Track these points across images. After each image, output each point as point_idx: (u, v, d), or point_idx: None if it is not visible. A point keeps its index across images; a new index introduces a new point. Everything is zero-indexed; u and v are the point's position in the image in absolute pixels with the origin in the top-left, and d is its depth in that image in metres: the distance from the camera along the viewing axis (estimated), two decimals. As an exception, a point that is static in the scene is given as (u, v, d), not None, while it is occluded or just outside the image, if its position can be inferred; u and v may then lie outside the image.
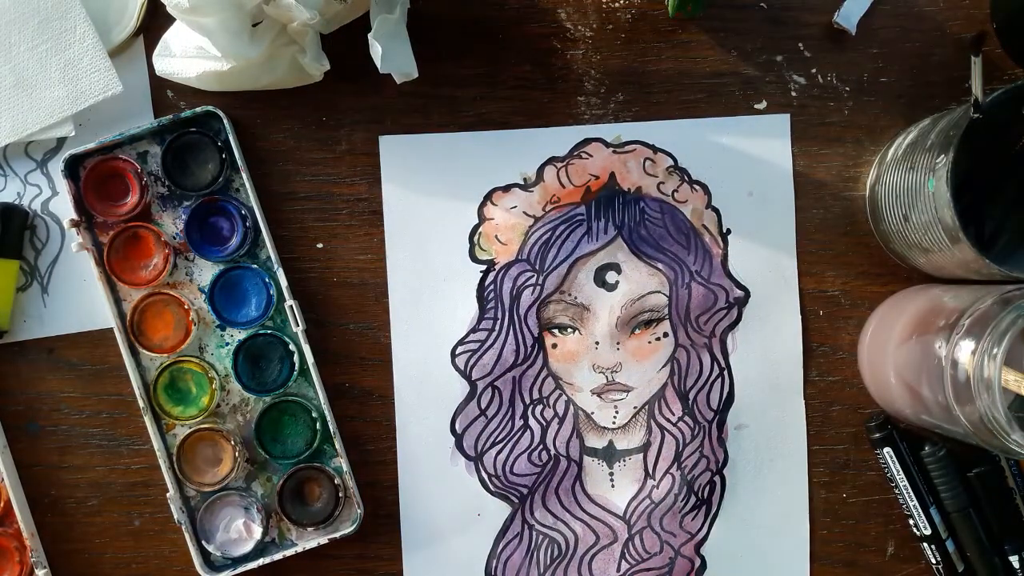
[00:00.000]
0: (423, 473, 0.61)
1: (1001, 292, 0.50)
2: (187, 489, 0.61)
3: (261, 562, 0.60)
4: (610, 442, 0.61)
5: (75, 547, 0.62)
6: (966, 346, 0.49)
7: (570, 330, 0.61)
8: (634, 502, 0.61)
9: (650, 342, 0.61)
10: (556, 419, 0.61)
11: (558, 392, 0.61)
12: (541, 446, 0.61)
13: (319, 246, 0.62)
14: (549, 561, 0.62)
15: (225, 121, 0.60)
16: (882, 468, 0.60)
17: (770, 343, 0.61)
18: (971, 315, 0.50)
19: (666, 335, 0.61)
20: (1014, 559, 0.59)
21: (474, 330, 0.61)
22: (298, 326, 0.60)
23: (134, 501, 0.62)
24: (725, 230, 0.61)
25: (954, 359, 0.50)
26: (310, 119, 0.61)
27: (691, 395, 0.61)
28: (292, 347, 0.60)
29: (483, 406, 0.61)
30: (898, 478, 0.59)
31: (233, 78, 0.58)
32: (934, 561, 0.60)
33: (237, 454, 0.60)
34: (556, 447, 0.61)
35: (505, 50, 0.61)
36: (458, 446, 0.61)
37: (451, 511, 0.61)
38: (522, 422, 0.61)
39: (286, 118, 0.62)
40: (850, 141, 0.61)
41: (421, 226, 0.62)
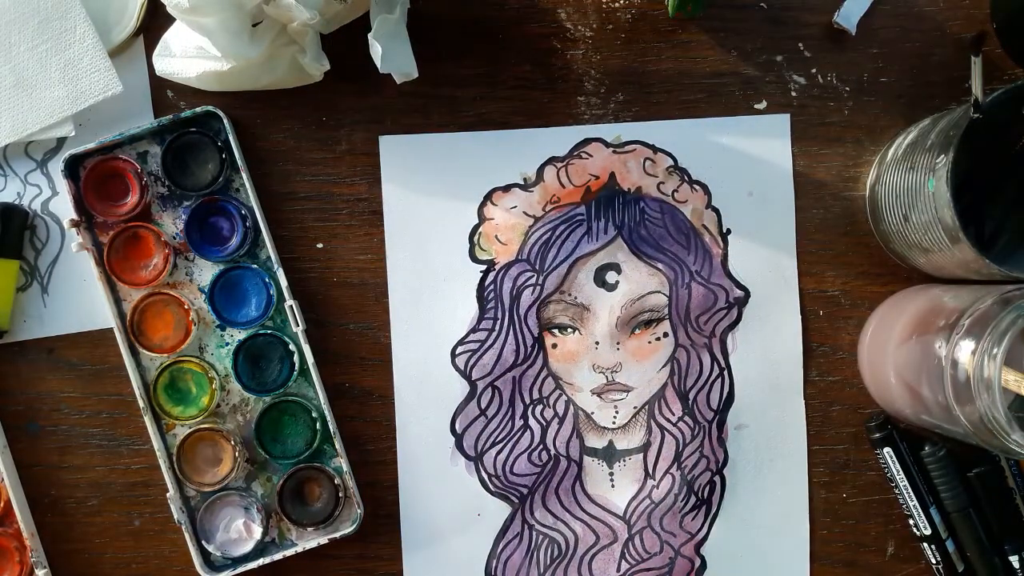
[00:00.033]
0: (423, 473, 0.61)
1: (1001, 292, 0.50)
2: (187, 489, 0.61)
3: (261, 562, 0.60)
4: (610, 442, 0.61)
5: (75, 547, 0.62)
6: (966, 346, 0.49)
7: (570, 330, 0.61)
8: (634, 502, 0.61)
9: (650, 342, 0.61)
10: (556, 419, 0.61)
11: (558, 392, 0.61)
12: (541, 446, 0.61)
13: (319, 246, 0.62)
14: (549, 561, 0.62)
15: (225, 121, 0.60)
16: (882, 468, 0.60)
17: (770, 343, 0.61)
18: (971, 315, 0.50)
19: (666, 335, 0.61)
20: (1014, 559, 0.59)
21: (474, 330, 0.61)
22: (298, 326, 0.60)
23: (134, 501, 0.62)
24: (725, 230, 0.61)
25: (954, 359, 0.50)
26: (310, 119, 0.61)
27: (691, 395, 0.61)
28: (292, 347, 0.60)
29: (483, 406, 0.61)
30: (898, 478, 0.59)
31: (233, 78, 0.58)
32: (934, 561, 0.60)
33: (237, 454, 0.60)
34: (556, 447, 0.61)
35: (505, 50, 0.61)
36: (458, 446, 0.61)
37: (451, 511, 0.61)
38: (522, 422, 0.61)
39: (286, 118, 0.62)
40: (850, 141, 0.61)
41: (421, 226, 0.62)
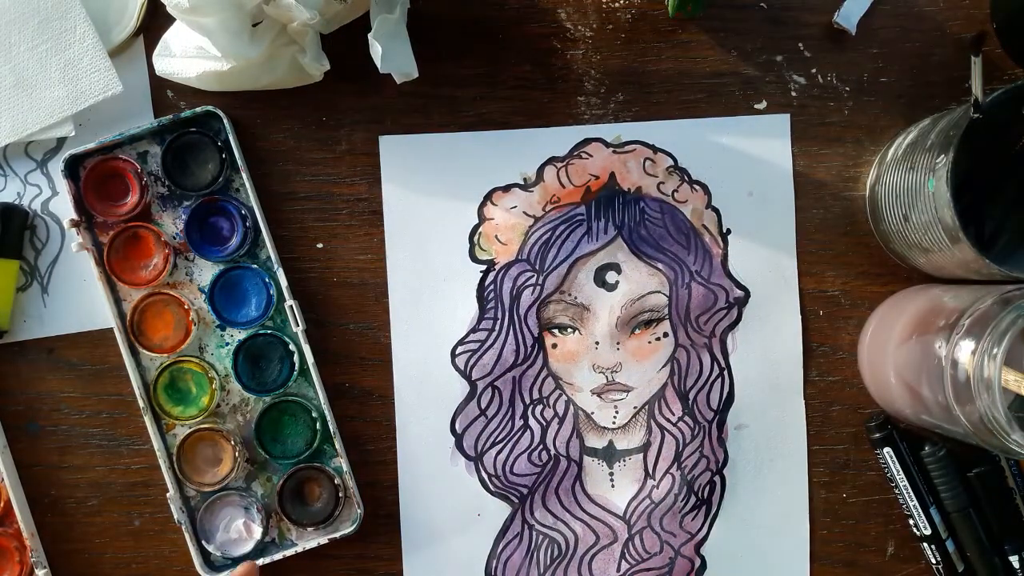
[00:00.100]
0: (423, 473, 0.61)
1: (1001, 292, 0.50)
2: (187, 489, 0.61)
3: (261, 562, 0.60)
4: (610, 442, 0.61)
5: (75, 547, 0.62)
6: (966, 346, 0.49)
7: (570, 330, 0.61)
8: (634, 502, 0.61)
9: (650, 342, 0.61)
10: (556, 419, 0.61)
11: (558, 392, 0.61)
12: (541, 446, 0.61)
13: (319, 246, 0.62)
14: (549, 561, 0.62)
15: (225, 121, 0.60)
16: (882, 468, 0.60)
17: (770, 343, 0.61)
18: (971, 315, 0.50)
19: (666, 335, 0.61)
20: (1014, 559, 0.59)
21: (474, 330, 0.61)
22: (298, 326, 0.60)
23: (134, 501, 0.62)
24: (725, 230, 0.61)
25: (954, 359, 0.50)
26: (310, 119, 0.61)
27: (691, 395, 0.61)
28: (292, 347, 0.60)
29: (483, 406, 0.61)
30: (898, 478, 0.59)
31: (233, 78, 0.58)
32: (934, 561, 0.60)
33: (237, 454, 0.60)
34: (556, 447, 0.61)
35: (505, 50, 0.61)
36: (458, 446, 0.61)
37: (451, 511, 0.61)
38: (522, 422, 0.61)
39: (286, 118, 0.62)
40: (850, 141, 0.61)
41: (421, 226, 0.62)
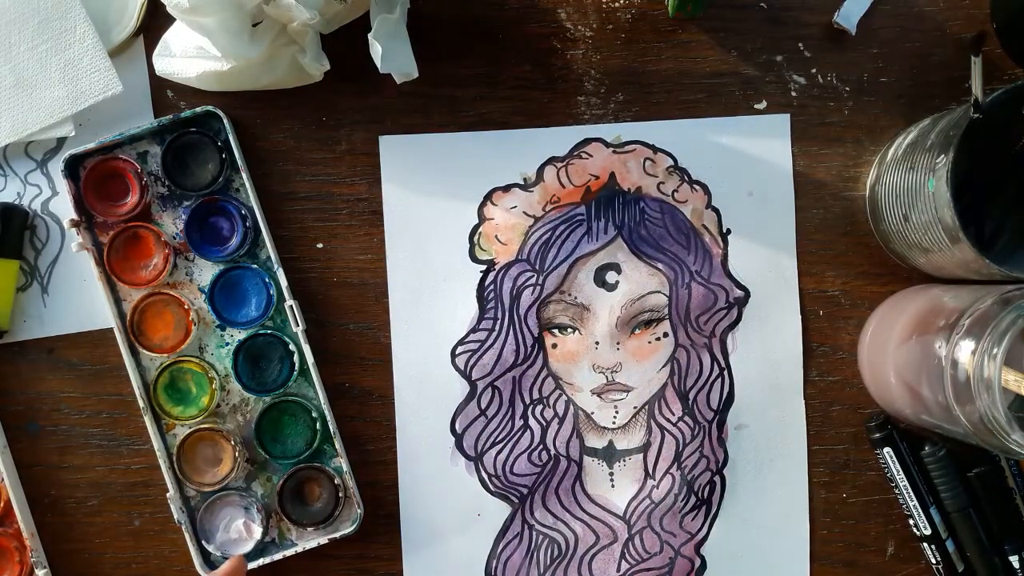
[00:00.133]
0: (423, 473, 0.61)
1: (1001, 292, 0.50)
2: (187, 489, 0.61)
3: (261, 562, 0.60)
4: (610, 442, 0.61)
5: (75, 547, 0.62)
6: (966, 346, 0.49)
7: (570, 330, 0.61)
8: (634, 502, 0.61)
9: (650, 342, 0.61)
10: (556, 419, 0.61)
11: (558, 392, 0.61)
12: (541, 446, 0.61)
13: (319, 246, 0.62)
14: (549, 561, 0.62)
15: (225, 121, 0.60)
16: (882, 468, 0.60)
17: (770, 343, 0.61)
18: (971, 315, 0.50)
19: (666, 335, 0.61)
20: (1014, 559, 0.59)
21: (474, 330, 0.61)
22: (298, 326, 0.60)
23: (134, 501, 0.62)
24: (725, 230, 0.61)
25: (954, 359, 0.50)
26: (310, 119, 0.61)
27: (691, 395, 0.61)
28: (292, 347, 0.60)
29: (483, 406, 0.61)
30: (898, 478, 0.59)
31: (233, 78, 0.58)
32: (934, 561, 0.60)
33: (237, 454, 0.60)
34: (556, 447, 0.61)
35: (505, 50, 0.61)
36: (458, 446, 0.61)
37: (451, 511, 0.61)
38: (522, 422, 0.61)
39: (286, 118, 0.62)
40: (850, 141, 0.61)
41: (421, 226, 0.62)
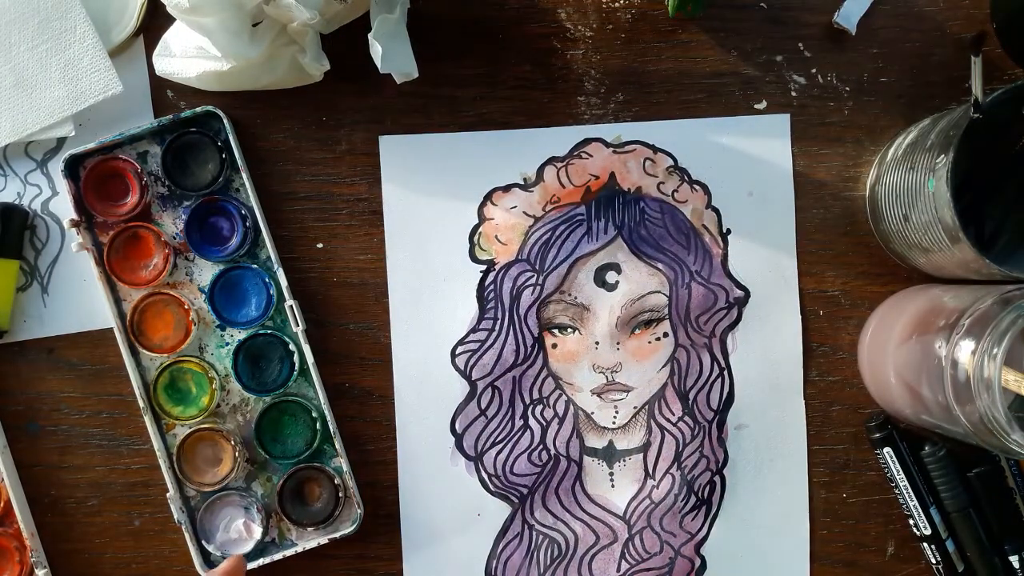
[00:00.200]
0: (423, 473, 0.61)
1: (1001, 292, 0.50)
2: (187, 489, 0.61)
3: (261, 562, 0.60)
4: (610, 442, 0.61)
5: (75, 547, 0.62)
6: (966, 346, 0.49)
7: (570, 330, 0.61)
8: (634, 502, 0.61)
9: (650, 342, 0.61)
10: (556, 419, 0.61)
11: (558, 392, 0.61)
12: (541, 446, 0.61)
13: (319, 246, 0.62)
14: (549, 561, 0.62)
15: (225, 121, 0.60)
16: (882, 468, 0.60)
17: (770, 343, 0.61)
18: (971, 315, 0.50)
19: (666, 335, 0.61)
20: (1014, 559, 0.59)
21: (474, 330, 0.61)
22: (298, 326, 0.60)
23: (134, 501, 0.62)
24: (725, 230, 0.61)
25: (954, 359, 0.50)
26: (310, 119, 0.61)
27: (691, 395, 0.61)
28: (292, 347, 0.60)
29: (483, 406, 0.61)
30: (898, 478, 0.59)
31: (233, 78, 0.58)
32: (934, 561, 0.60)
33: (237, 454, 0.60)
34: (556, 447, 0.61)
35: (505, 50, 0.61)
36: (458, 446, 0.61)
37: (451, 511, 0.61)
38: (522, 422, 0.61)
39: (286, 118, 0.62)
40: (850, 141, 0.61)
41: (421, 226, 0.62)
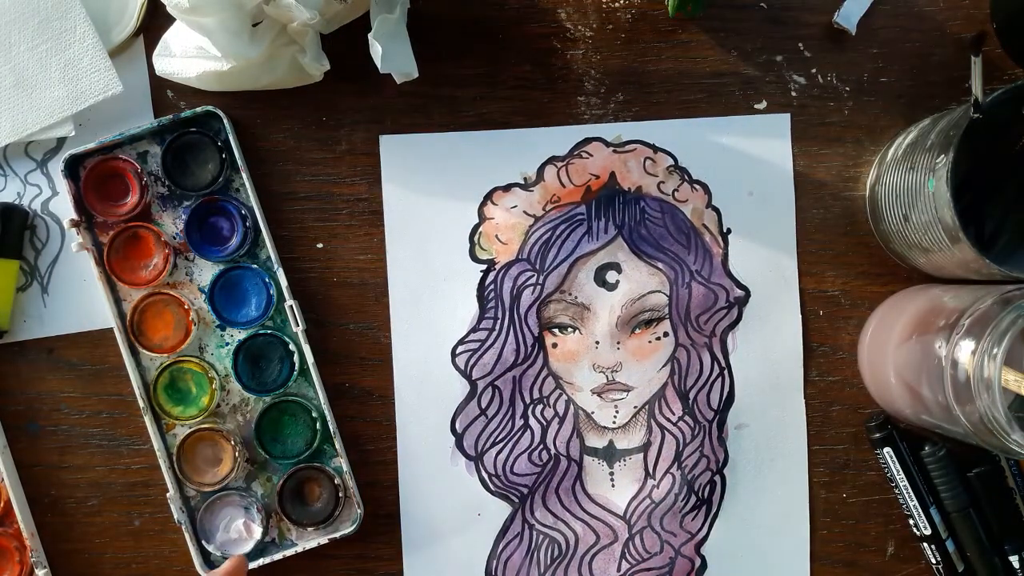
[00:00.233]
0: (423, 473, 0.61)
1: (1001, 292, 0.50)
2: (187, 489, 0.61)
3: (261, 562, 0.60)
4: (610, 442, 0.61)
5: (75, 547, 0.62)
6: (966, 346, 0.49)
7: (570, 330, 0.61)
8: (634, 502, 0.61)
9: (650, 342, 0.61)
10: (556, 419, 0.61)
11: (558, 392, 0.61)
12: (541, 446, 0.61)
13: (319, 246, 0.62)
14: (549, 561, 0.62)
15: (225, 121, 0.60)
16: (882, 468, 0.60)
17: (770, 343, 0.61)
18: (971, 315, 0.50)
19: (666, 335, 0.61)
20: (1014, 559, 0.59)
21: (474, 330, 0.61)
22: (298, 326, 0.60)
23: (134, 501, 0.62)
24: (725, 230, 0.61)
25: (954, 359, 0.50)
26: (310, 119, 0.61)
27: (691, 395, 0.61)
28: (292, 347, 0.60)
29: (483, 406, 0.61)
30: (898, 478, 0.59)
31: (233, 78, 0.58)
32: (934, 561, 0.60)
33: (237, 454, 0.60)
34: (556, 447, 0.61)
35: (505, 50, 0.61)
36: (458, 446, 0.61)
37: (451, 511, 0.61)
38: (522, 422, 0.61)
39: (286, 118, 0.62)
40: (850, 141, 0.61)
41: (421, 226, 0.62)
